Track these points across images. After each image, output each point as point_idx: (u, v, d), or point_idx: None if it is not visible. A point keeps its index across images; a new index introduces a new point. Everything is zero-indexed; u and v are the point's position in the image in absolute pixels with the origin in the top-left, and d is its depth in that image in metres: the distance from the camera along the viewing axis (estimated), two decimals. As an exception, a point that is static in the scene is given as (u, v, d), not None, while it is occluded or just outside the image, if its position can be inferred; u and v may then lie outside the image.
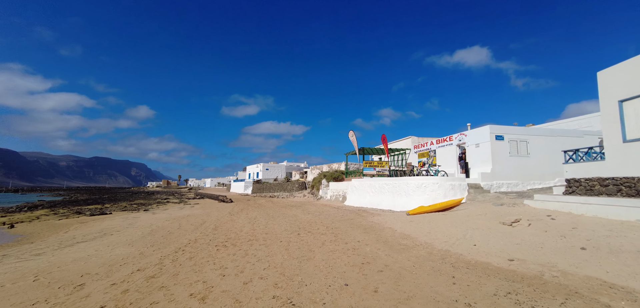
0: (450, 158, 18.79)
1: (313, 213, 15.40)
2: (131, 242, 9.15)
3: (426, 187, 14.43)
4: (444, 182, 14.35)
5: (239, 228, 11.36)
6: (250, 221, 13.63)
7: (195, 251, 7.65)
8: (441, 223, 9.44)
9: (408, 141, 25.01)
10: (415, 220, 10.62)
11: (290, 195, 36.08)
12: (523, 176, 15.33)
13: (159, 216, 17.52)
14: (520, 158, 15.55)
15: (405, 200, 14.95)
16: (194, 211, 20.98)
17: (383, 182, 17.23)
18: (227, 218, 15.51)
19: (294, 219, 13.43)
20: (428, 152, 21.81)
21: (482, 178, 14.76)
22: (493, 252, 6.02)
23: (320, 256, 6.52)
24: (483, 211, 10.69)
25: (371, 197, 18.13)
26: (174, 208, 24.93)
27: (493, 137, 15.32)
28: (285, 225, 11.66)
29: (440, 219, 10.25)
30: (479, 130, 16.03)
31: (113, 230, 11.92)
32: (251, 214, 16.92)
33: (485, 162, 15.51)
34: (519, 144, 15.61)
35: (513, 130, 15.72)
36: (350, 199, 20.78)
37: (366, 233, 8.86)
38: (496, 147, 15.30)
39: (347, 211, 15.90)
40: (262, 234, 9.74)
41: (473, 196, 13.79)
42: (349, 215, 14.18)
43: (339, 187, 24.99)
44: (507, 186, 14.95)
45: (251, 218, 14.98)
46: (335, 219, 12.72)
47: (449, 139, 19.08)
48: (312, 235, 9.08)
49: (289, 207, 21.33)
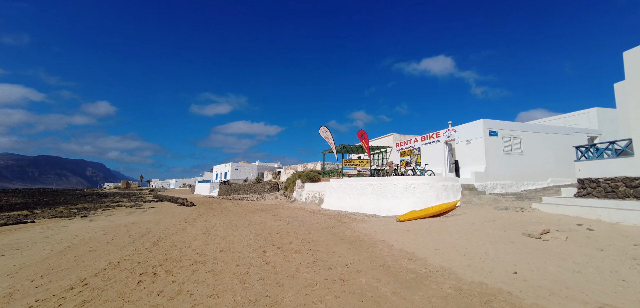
0: (437, 157, 17.39)
1: (285, 220, 13.13)
2: (18, 269, 6.33)
3: (416, 188, 12.73)
4: (436, 183, 12.74)
5: (188, 242, 8.84)
6: (207, 231, 11.08)
7: (105, 285, 5.12)
8: (445, 234, 7.63)
9: (389, 138, 23.50)
10: (411, 229, 8.75)
11: (261, 197, 33.36)
12: (517, 176, 14.18)
13: (95, 224, 14.27)
14: (513, 157, 14.40)
15: (392, 203, 13.16)
16: (143, 217, 17.85)
17: (366, 183, 15.36)
18: (180, 226, 12.79)
19: (261, 228, 11.09)
20: (411, 150, 20.37)
21: (476, 178, 13.36)
22: (549, 285, 4.17)
23: (293, 295, 4.32)
24: (489, 217, 9.08)
25: (352, 199, 16.20)
26: (122, 213, 21.59)
27: (487, 132, 14.01)
28: (249, 237, 9.30)
29: (441, 228, 8.45)
30: (471, 125, 14.68)
31: (15, 246, 8.81)
32: (210, 221, 14.29)
33: (477, 161, 14.17)
34: (512, 141, 14.45)
35: (507, 126, 14.53)
36: (328, 202, 18.74)
37: (354, 251, 6.78)
38: (490, 144, 14.00)
39: (326, 216, 13.81)
40: (215, 252, 7.33)
41: (468, 198, 12.30)
42: (328, 221, 12.09)
43: (315, 188, 22.87)
44: (501, 187, 13.69)
45: (209, 226, 12.40)
46: (312, 227, 10.57)
47: (435, 136, 17.67)
48: (282, 254, 6.84)
49: (257, 211, 18.83)
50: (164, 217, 17.51)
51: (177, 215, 18.52)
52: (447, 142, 16.83)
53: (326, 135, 20.64)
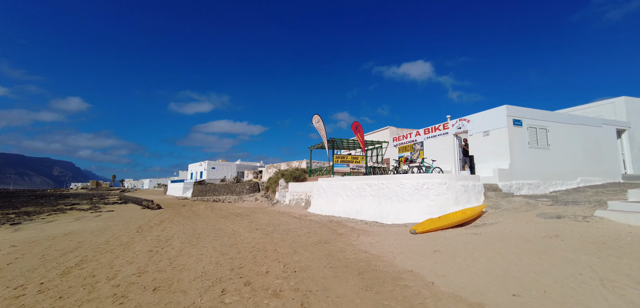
0: (444, 152, 15.15)
1: (263, 229, 10.40)
2: None
3: (429, 189, 10.33)
4: (454, 182, 10.40)
5: (118, 267, 6.04)
6: (157, 246, 8.23)
7: None
8: (500, 260, 5.18)
9: (385, 132, 21.18)
10: (441, 248, 6.27)
11: (239, 198, 30.29)
12: (544, 174, 12.10)
13: (14, 236, 11.06)
14: (540, 152, 12.30)
15: (398, 208, 10.70)
16: (89, 225, 14.74)
17: (364, 182, 12.85)
18: (125, 239, 9.86)
19: (230, 242, 8.32)
20: (412, 144, 18.09)
21: (500, 176, 11.13)
22: None
23: None
24: (542, 229, 6.76)
25: (346, 202, 13.67)
26: (68, 219, 18.41)
27: (511, 121, 11.82)
28: (209, 258, 6.56)
29: (485, 247, 6.02)
30: (490, 113, 12.44)
31: None
32: (169, 230, 11.38)
33: (499, 155, 11.97)
34: (538, 132, 12.35)
35: (532, 114, 12.39)
36: (317, 205, 16.14)
37: (373, 295, 4.20)
38: (515, 136, 11.82)
39: (315, 224, 11.20)
40: (147, 290, 4.55)
41: (494, 202, 10.03)
42: (319, 230, 9.47)
43: (301, 188, 20.20)
44: (528, 187, 11.55)
45: (163, 239, 9.53)
46: (299, 242, 7.90)
47: (443, 127, 15.42)
48: (250, 298, 4.17)
49: (231, 216, 15.96)
50: (115, 224, 14.44)
51: (133, 222, 15.44)
52: (458, 134, 14.60)
53: (319, 124, 18.03)
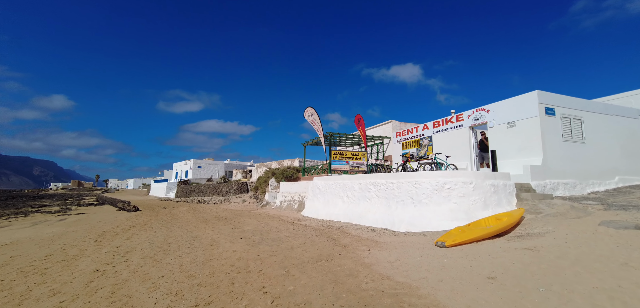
0: (457, 147, 13.46)
1: (249, 238, 8.46)
2: None
3: (452, 189, 8.57)
4: (482, 180, 8.66)
5: (28, 304, 4.06)
6: (109, 263, 6.25)
7: None
8: (607, 298, 3.43)
9: (387, 127, 19.44)
10: (496, 274, 4.47)
11: (226, 199, 28.16)
12: (580, 172, 10.49)
13: None
14: (574, 146, 10.70)
15: (413, 212, 8.91)
16: (46, 231, 12.93)
17: (368, 181, 11.03)
18: (75, 251, 7.88)
19: (205, 257, 6.38)
20: (419, 139, 16.38)
21: (532, 174, 9.45)
22: None
23: None
24: (627, 244, 5.05)
25: (347, 205, 11.83)
26: (25, 224, 17.25)
27: (543, 110, 10.16)
28: (168, 285, 4.63)
29: (564, 271, 4.25)
30: (518, 100, 10.74)
31: None
32: (136, 239, 9.39)
33: (528, 150, 10.31)
34: (572, 123, 10.74)
35: (565, 102, 10.75)
36: (312, 207, 14.26)
37: None
38: (547, 127, 10.17)
39: (312, 231, 9.31)
40: None
41: (532, 205, 8.33)
42: (318, 241, 7.59)
43: (294, 189, 18.29)
44: (564, 187, 9.91)
45: (123, 251, 7.55)
46: (293, 259, 6.02)
47: (456, 119, 13.73)
48: None
49: (214, 220, 13.94)
50: (75, 231, 12.45)
51: (99, 227, 13.48)
52: (475, 126, 12.91)
53: (312, 118, 16.11)
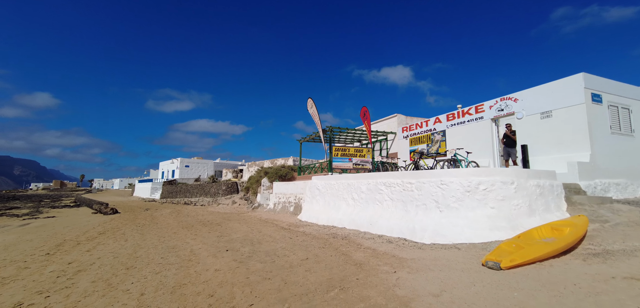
0: (475, 142, 11.89)
1: (236, 250, 6.66)
2: None
3: (488, 190, 6.93)
4: (525, 180, 7.05)
5: None
6: (47, 288, 4.37)
7: None
8: None
9: (392, 121, 17.83)
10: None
11: (214, 201, 26.16)
12: (630, 170, 9.01)
13: None
14: (623, 139, 9.22)
15: (439, 219, 7.25)
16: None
17: (379, 181, 9.34)
18: (15, 269, 5.96)
19: (176, 279, 4.56)
20: (430, 133, 14.79)
21: (580, 173, 7.89)
22: None
23: None
24: None
25: (353, 209, 10.12)
26: None
27: (589, 97, 8.63)
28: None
29: None
30: (557, 85, 9.19)
31: None
32: (99, 250, 7.51)
33: (568, 143, 8.77)
34: (620, 113, 9.27)
35: (613, 88, 9.25)
36: (310, 211, 12.51)
37: None
38: (595, 117, 8.64)
39: (312, 240, 7.57)
40: None
41: (591, 212, 6.76)
42: (322, 254, 5.83)
43: (289, 189, 16.50)
44: (615, 188, 8.39)
45: (74, 269, 5.67)
46: (293, 284, 4.24)
47: (475, 111, 12.15)
48: None
49: (198, 225, 12.07)
50: (30, 239, 10.62)
51: (62, 234, 11.64)
52: (498, 118, 11.34)
53: (312, 110, 14.41)
